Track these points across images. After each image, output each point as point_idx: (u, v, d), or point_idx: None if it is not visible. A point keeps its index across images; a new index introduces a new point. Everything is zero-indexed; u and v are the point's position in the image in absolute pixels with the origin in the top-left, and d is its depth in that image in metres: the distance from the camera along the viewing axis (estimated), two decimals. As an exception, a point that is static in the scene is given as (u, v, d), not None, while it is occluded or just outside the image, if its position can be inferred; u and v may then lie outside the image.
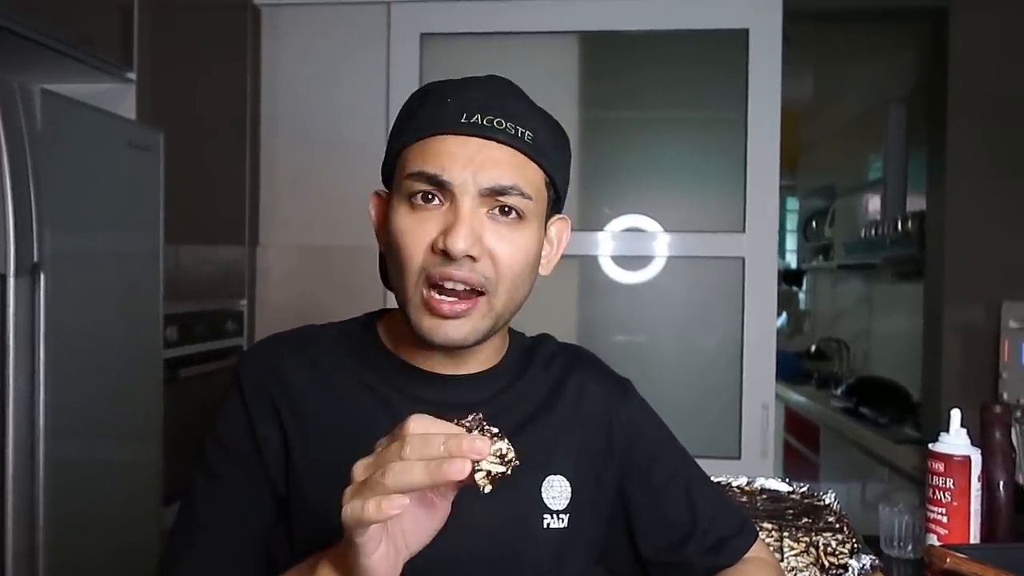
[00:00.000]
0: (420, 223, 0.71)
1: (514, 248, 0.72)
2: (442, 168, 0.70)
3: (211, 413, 2.27)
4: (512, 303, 0.74)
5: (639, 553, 0.82)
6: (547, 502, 0.76)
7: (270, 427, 0.75)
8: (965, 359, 2.17)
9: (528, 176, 0.72)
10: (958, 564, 0.77)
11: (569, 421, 0.80)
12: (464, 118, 0.71)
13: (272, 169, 2.37)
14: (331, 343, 0.80)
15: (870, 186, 3.58)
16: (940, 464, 0.93)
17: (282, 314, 2.35)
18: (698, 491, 0.83)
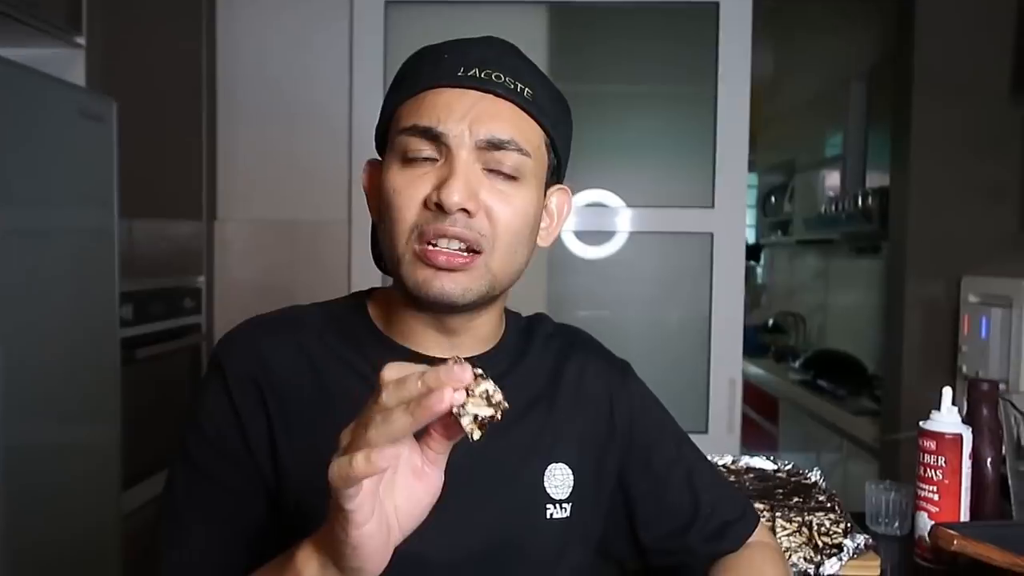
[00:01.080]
0: (413, 180, 0.67)
1: (511, 208, 0.68)
2: (437, 120, 0.67)
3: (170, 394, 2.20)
4: (509, 268, 0.71)
5: (639, 540, 0.80)
6: (550, 491, 0.73)
7: (256, 416, 0.70)
8: (925, 333, 2.21)
9: (527, 133, 0.69)
10: (965, 546, 0.77)
11: (570, 406, 0.77)
12: (461, 71, 0.68)
13: (230, 141, 2.28)
14: (318, 326, 0.76)
15: (829, 162, 3.62)
16: (932, 442, 0.94)
17: (242, 291, 2.28)
18: (700, 476, 0.81)
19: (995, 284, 1.99)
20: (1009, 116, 2.15)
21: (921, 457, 0.95)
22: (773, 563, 0.79)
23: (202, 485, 0.70)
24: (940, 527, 0.83)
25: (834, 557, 0.91)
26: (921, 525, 0.95)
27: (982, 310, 2.01)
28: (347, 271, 2.26)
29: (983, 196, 2.17)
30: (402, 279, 0.69)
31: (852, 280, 3.53)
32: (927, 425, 0.94)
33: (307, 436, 0.70)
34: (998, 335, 1.94)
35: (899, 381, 2.25)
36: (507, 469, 0.73)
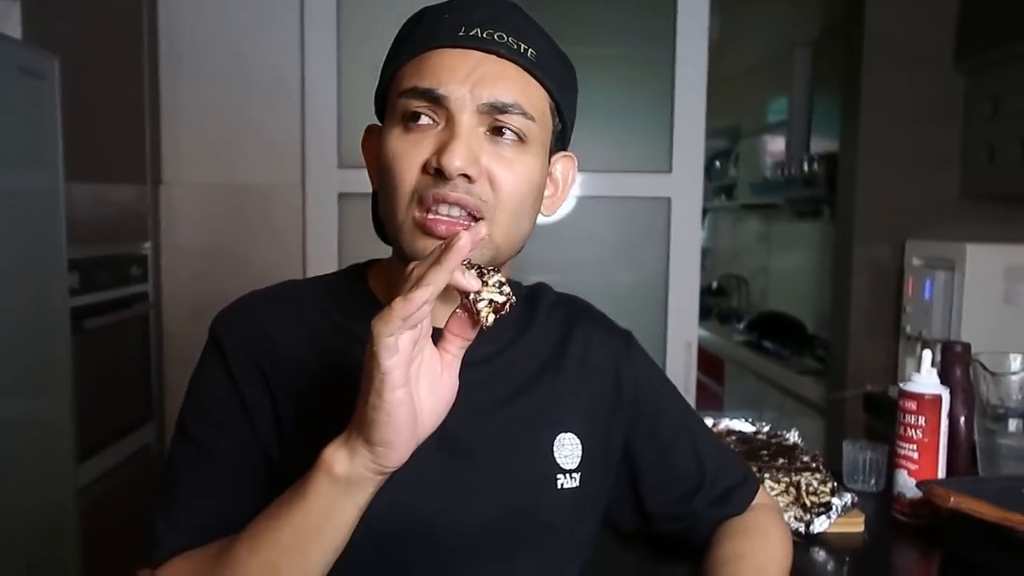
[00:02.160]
0: (413, 144, 0.65)
1: (515, 173, 0.66)
2: (438, 82, 0.64)
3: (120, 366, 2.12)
4: (512, 237, 0.69)
5: (644, 507, 0.81)
6: (559, 462, 0.73)
7: (258, 391, 0.68)
8: (871, 295, 2.29)
9: (531, 96, 0.67)
10: (960, 503, 0.81)
11: (577, 376, 0.77)
12: (463, 31, 0.65)
13: (174, 102, 2.17)
14: (319, 300, 0.73)
15: (773, 127, 3.69)
16: (912, 403, 0.97)
17: (191, 257, 2.20)
18: (703, 443, 0.82)
19: (938, 248, 2.07)
20: (952, 85, 2.23)
21: (902, 417, 0.99)
22: (777, 524, 0.82)
23: (204, 461, 0.68)
24: (935, 485, 0.87)
25: (823, 515, 0.94)
26: (900, 482, 1.00)
27: (926, 273, 2.10)
28: (302, 237, 2.20)
29: (927, 163, 2.24)
30: (402, 248, 0.67)
31: (793, 243, 3.63)
32: (907, 387, 0.98)
33: (313, 409, 0.68)
34: (941, 297, 2.03)
35: (846, 342, 2.33)
36: (517, 440, 0.72)
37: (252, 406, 0.68)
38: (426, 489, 0.68)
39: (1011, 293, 1.95)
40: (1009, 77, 2.04)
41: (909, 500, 0.98)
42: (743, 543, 0.76)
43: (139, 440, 2.06)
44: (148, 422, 2.11)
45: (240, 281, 2.18)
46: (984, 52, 2.11)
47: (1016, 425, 1.00)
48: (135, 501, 2.05)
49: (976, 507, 0.80)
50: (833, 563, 0.92)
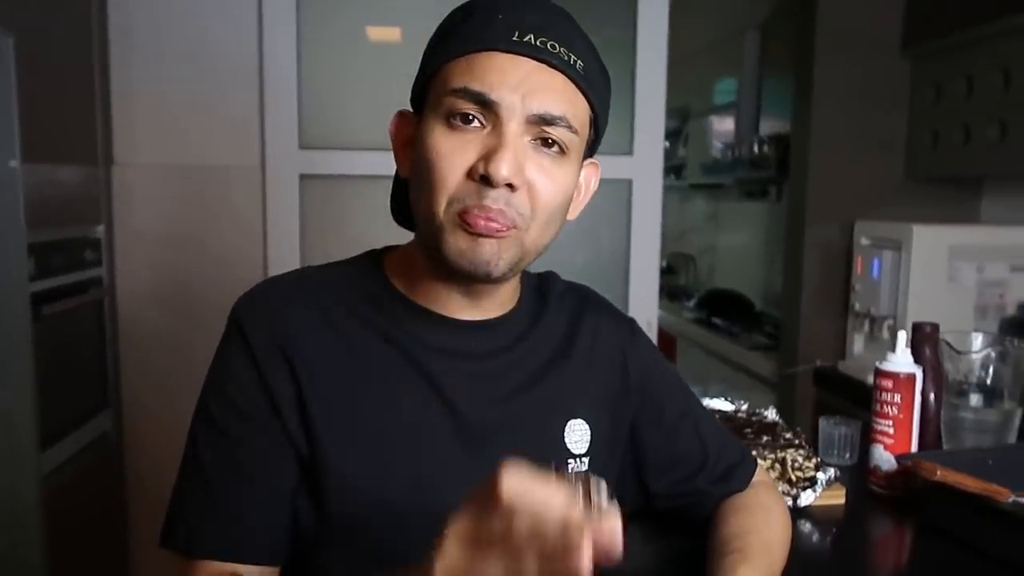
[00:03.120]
0: (459, 145, 0.65)
1: (554, 184, 0.68)
2: (490, 87, 0.64)
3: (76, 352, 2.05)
4: (540, 242, 0.70)
5: (648, 487, 0.84)
6: (569, 446, 0.76)
7: (283, 380, 0.69)
8: (821, 273, 2.38)
9: (577, 108, 0.68)
10: (946, 475, 0.86)
11: (586, 364, 0.79)
12: (516, 36, 0.65)
13: (125, 79, 2.09)
14: (338, 288, 0.74)
15: (722, 108, 3.77)
16: (889, 381, 1.03)
17: (146, 241, 2.13)
18: (705, 425, 0.86)
19: (885, 228, 2.16)
20: (898, 71, 2.32)
21: (878, 395, 1.04)
22: (777, 500, 0.86)
23: (231, 451, 0.69)
24: (920, 459, 0.92)
25: (808, 489, 0.99)
26: (876, 456, 1.06)
27: (873, 252, 2.19)
28: (262, 219, 2.16)
29: (875, 146, 2.33)
30: (440, 248, 0.67)
31: (740, 223, 3.73)
32: (883, 366, 1.04)
33: (339, 401, 0.69)
34: (888, 275, 2.12)
35: (797, 318, 2.42)
36: (529, 426, 0.75)
37: (278, 393, 0.68)
38: (447, 474, 0.70)
39: (954, 271, 2.05)
40: (951, 65, 2.14)
41: (885, 473, 1.04)
42: (748, 519, 0.80)
43: (97, 428, 2.00)
44: (105, 409, 2.06)
45: (198, 264, 2.15)
46: (928, 40, 2.20)
47: (977, 400, 1.07)
48: (95, 489, 2.01)
49: (960, 479, 0.86)
50: (818, 534, 0.97)
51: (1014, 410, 1.07)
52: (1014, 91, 1.91)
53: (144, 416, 2.15)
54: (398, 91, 2.48)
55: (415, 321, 0.73)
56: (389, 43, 2.25)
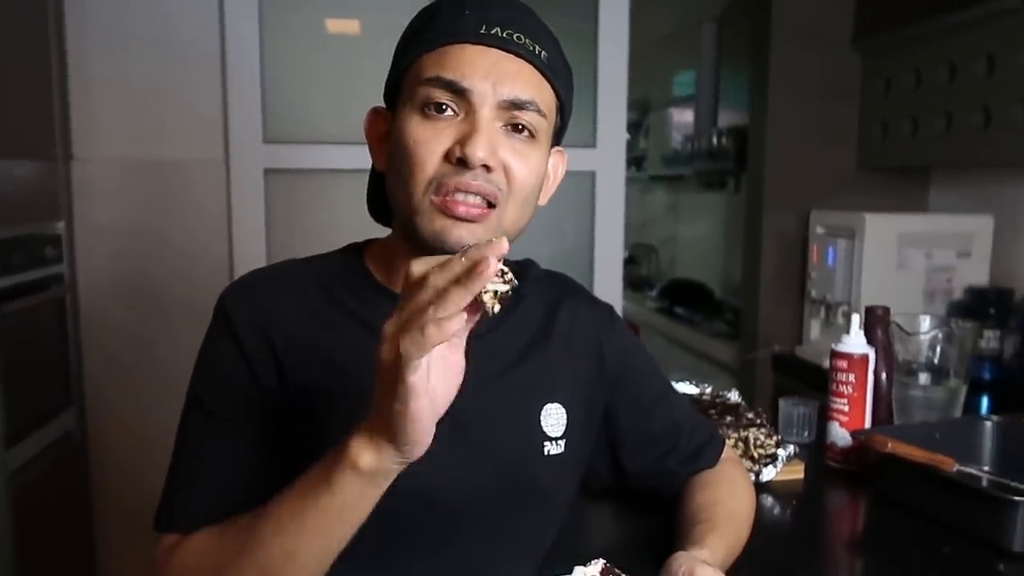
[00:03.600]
0: (434, 132, 0.68)
1: (527, 166, 0.71)
2: (462, 75, 0.68)
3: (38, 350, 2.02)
4: (518, 223, 0.74)
5: (622, 467, 0.88)
6: (546, 430, 0.79)
7: (267, 364, 0.71)
8: (779, 262, 2.45)
9: (544, 95, 0.72)
10: (896, 448, 0.91)
11: (563, 349, 0.82)
12: (484, 29, 0.69)
13: (83, 74, 2.06)
14: (320, 278, 0.76)
15: (681, 100, 3.83)
16: (844, 362, 1.08)
17: (108, 236, 2.11)
18: (678, 407, 0.90)
19: (839, 217, 2.24)
20: (850, 64, 2.39)
21: (834, 375, 1.10)
22: (742, 475, 0.91)
23: (220, 432, 0.71)
24: (872, 433, 0.98)
25: (770, 465, 1.05)
26: (833, 433, 1.11)
27: (828, 240, 2.26)
28: (227, 214, 2.15)
29: (829, 137, 2.41)
30: (417, 229, 0.70)
31: (700, 213, 3.79)
32: (839, 347, 1.09)
33: (319, 384, 0.72)
34: (842, 262, 2.19)
35: (756, 305, 2.49)
36: (507, 410, 0.77)
37: (263, 378, 0.71)
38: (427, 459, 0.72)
39: (903, 258, 2.13)
40: (900, 59, 2.22)
41: (841, 448, 1.10)
42: (715, 492, 0.85)
43: (60, 427, 1.98)
44: (68, 407, 2.04)
45: (161, 260, 2.13)
46: (878, 34, 2.28)
47: (925, 378, 1.13)
48: (60, 488, 1.99)
49: (909, 451, 0.91)
50: (780, 507, 1.03)
51: (959, 387, 1.14)
52: (958, 84, 1.99)
53: (108, 413, 2.13)
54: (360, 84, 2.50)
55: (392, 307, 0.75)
56: (350, 36, 2.26)
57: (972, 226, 2.15)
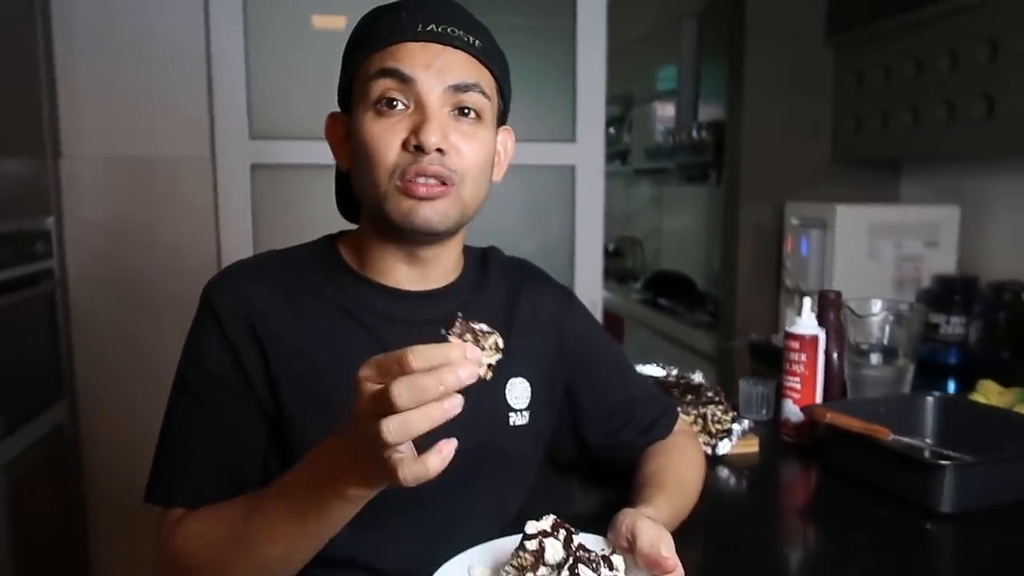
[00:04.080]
0: (389, 127, 0.75)
1: (476, 145, 0.77)
2: (407, 65, 0.74)
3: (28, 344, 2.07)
4: (475, 199, 0.80)
5: (583, 439, 0.94)
6: (511, 402, 0.85)
7: (251, 351, 0.76)
8: (755, 252, 2.51)
9: (483, 78, 0.78)
10: (834, 418, 0.97)
11: (526, 329, 0.88)
12: (421, 27, 0.75)
13: (70, 72, 2.10)
14: (298, 267, 0.82)
15: (664, 95, 3.89)
16: (796, 343, 1.15)
17: (97, 232, 2.15)
18: (633, 383, 0.96)
19: (813, 208, 2.30)
20: (824, 60, 2.45)
21: (787, 355, 1.16)
22: (693, 446, 0.97)
23: (206, 416, 0.76)
24: (815, 406, 1.04)
25: (725, 439, 1.11)
26: (787, 410, 1.17)
27: (802, 231, 2.33)
28: (214, 210, 2.19)
29: (803, 131, 2.47)
30: (386, 213, 0.76)
31: (683, 206, 3.86)
32: (792, 329, 1.15)
33: (301, 367, 0.77)
34: (815, 252, 2.26)
35: (733, 295, 2.56)
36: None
37: (247, 362, 0.76)
38: None
39: (873, 248, 2.20)
40: (871, 54, 2.28)
41: (794, 424, 1.16)
42: (666, 459, 0.91)
43: (52, 420, 2.02)
44: (60, 401, 2.08)
45: (150, 255, 2.18)
46: (850, 30, 2.34)
47: (877, 359, 1.20)
48: (53, 480, 2.03)
49: (845, 421, 0.97)
50: (735, 478, 1.09)
51: (907, 366, 1.20)
52: (925, 79, 2.06)
53: (99, 406, 2.18)
54: (345, 81, 2.48)
55: (366, 293, 0.81)
56: (335, 32, 2.30)
57: (939, 216, 2.21)
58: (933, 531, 0.90)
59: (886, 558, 0.85)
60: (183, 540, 0.73)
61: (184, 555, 0.72)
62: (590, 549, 0.67)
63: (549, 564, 0.65)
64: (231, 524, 0.70)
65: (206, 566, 0.71)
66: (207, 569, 0.71)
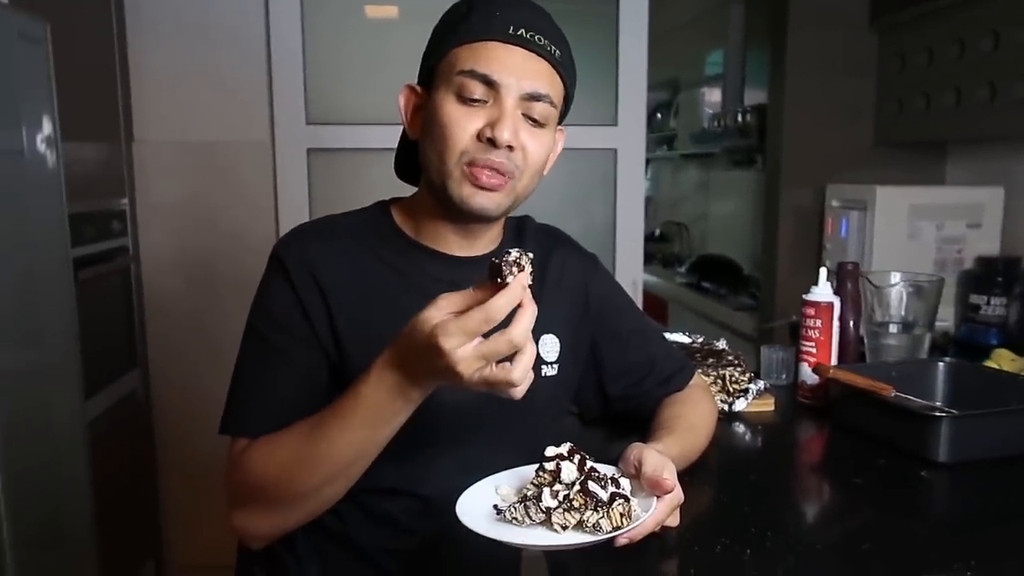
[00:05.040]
0: (467, 115, 0.84)
1: (539, 145, 0.87)
2: (493, 70, 0.83)
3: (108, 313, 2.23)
4: (527, 191, 0.90)
5: (606, 392, 1.03)
6: (543, 355, 0.94)
7: (318, 306, 0.87)
8: (796, 234, 2.54)
9: (556, 88, 0.87)
10: (837, 373, 1.04)
11: (556, 290, 0.98)
12: (512, 30, 0.84)
13: (142, 62, 2.25)
14: (356, 230, 0.92)
15: (710, 80, 3.90)
16: (812, 309, 1.21)
17: (166, 212, 2.31)
18: (652, 340, 1.05)
19: (853, 190, 2.32)
20: (867, 43, 2.46)
21: (804, 321, 1.22)
22: (706, 398, 1.06)
23: (274, 356, 0.86)
24: (820, 364, 1.10)
25: (741, 398, 1.18)
26: (803, 373, 1.24)
27: (842, 213, 2.35)
28: (273, 191, 2.33)
29: (845, 113, 2.48)
30: (447, 192, 0.86)
31: (730, 190, 3.87)
32: (808, 296, 1.21)
33: (359, 318, 0.87)
34: (855, 234, 2.28)
35: (774, 276, 2.59)
36: None
37: (312, 313, 0.86)
38: None
39: (913, 229, 2.21)
40: (914, 36, 2.28)
41: (809, 387, 1.23)
42: (680, 408, 1.00)
43: (127, 385, 2.19)
44: (133, 369, 2.24)
45: (214, 234, 2.33)
46: (894, 13, 2.34)
47: (896, 328, 1.25)
48: (126, 443, 2.20)
49: (849, 377, 1.03)
50: (750, 433, 1.16)
51: (923, 335, 1.24)
52: (967, 61, 2.06)
53: (167, 374, 2.34)
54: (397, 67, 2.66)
55: (418, 256, 0.91)
56: (387, 20, 2.41)
57: (983, 198, 2.21)
58: (927, 478, 0.96)
59: (879, 498, 0.93)
60: (251, 463, 0.83)
61: (254, 475, 0.82)
62: (602, 472, 0.76)
63: (564, 482, 0.75)
64: (298, 440, 0.80)
65: (274, 483, 0.81)
66: (276, 483, 0.81)
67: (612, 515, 0.71)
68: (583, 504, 0.72)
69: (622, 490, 0.74)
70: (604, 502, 0.72)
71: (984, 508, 0.92)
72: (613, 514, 0.71)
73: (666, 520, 0.78)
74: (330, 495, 0.82)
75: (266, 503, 0.83)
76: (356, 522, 0.90)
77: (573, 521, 0.72)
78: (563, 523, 0.72)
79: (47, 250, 1.61)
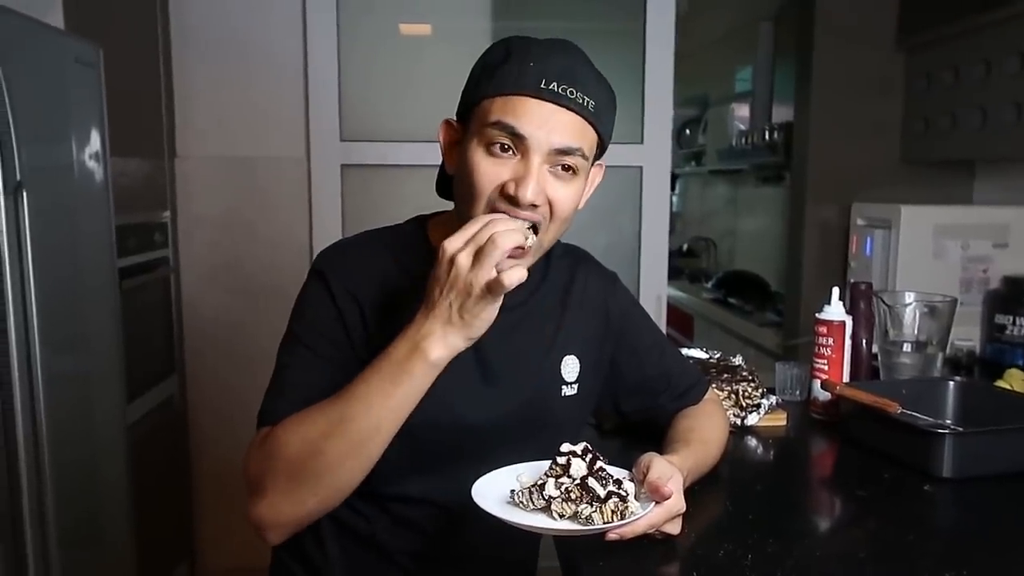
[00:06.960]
0: (494, 166, 0.85)
1: (567, 196, 0.87)
2: (522, 124, 0.84)
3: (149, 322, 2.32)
4: (556, 235, 0.91)
5: (621, 406, 1.08)
6: (564, 376, 0.99)
7: (355, 315, 0.91)
8: (821, 251, 2.55)
9: (587, 139, 0.87)
10: (844, 390, 1.07)
11: (578, 309, 1.02)
12: (543, 83, 0.84)
13: (185, 81, 2.35)
14: (392, 249, 0.96)
15: (739, 96, 3.92)
16: (824, 328, 1.24)
17: (205, 226, 2.40)
18: (669, 356, 1.10)
19: (878, 209, 2.33)
20: (893, 61, 2.47)
21: (816, 339, 1.25)
22: (719, 412, 1.11)
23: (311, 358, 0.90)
24: (829, 381, 1.13)
25: (754, 412, 1.22)
26: (815, 389, 1.27)
27: (867, 231, 2.35)
28: (308, 205, 2.41)
29: (871, 132, 2.49)
30: None
31: (758, 207, 3.88)
32: (821, 315, 1.25)
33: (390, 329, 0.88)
34: (880, 252, 2.29)
35: (798, 293, 2.60)
36: (534, 359, 0.98)
37: (350, 324, 0.91)
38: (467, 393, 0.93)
39: (939, 248, 2.21)
40: (941, 55, 2.29)
41: (822, 403, 1.26)
42: (694, 421, 1.04)
43: (165, 391, 2.28)
44: (170, 376, 2.33)
45: (251, 246, 2.42)
46: (921, 32, 2.36)
47: (909, 347, 1.27)
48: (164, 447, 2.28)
49: (856, 394, 1.06)
50: (760, 446, 1.20)
51: (936, 353, 1.27)
52: (993, 81, 2.07)
53: (203, 382, 2.43)
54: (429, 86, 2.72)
55: None
56: (420, 39, 2.48)
57: (1009, 217, 2.20)
58: (930, 491, 0.99)
59: (881, 510, 0.96)
60: (275, 440, 0.84)
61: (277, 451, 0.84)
62: (609, 472, 0.82)
63: (572, 476, 0.81)
64: (320, 412, 0.83)
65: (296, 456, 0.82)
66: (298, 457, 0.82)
67: (604, 511, 0.77)
68: (579, 497, 0.79)
69: (622, 491, 0.79)
70: (600, 498, 0.78)
71: (982, 522, 0.95)
72: (605, 510, 0.77)
73: (663, 526, 0.82)
74: (347, 477, 0.83)
75: (285, 483, 0.83)
76: (383, 526, 0.96)
77: (569, 512, 0.79)
78: (560, 512, 0.79)
79: (94, 260, 1.70)
